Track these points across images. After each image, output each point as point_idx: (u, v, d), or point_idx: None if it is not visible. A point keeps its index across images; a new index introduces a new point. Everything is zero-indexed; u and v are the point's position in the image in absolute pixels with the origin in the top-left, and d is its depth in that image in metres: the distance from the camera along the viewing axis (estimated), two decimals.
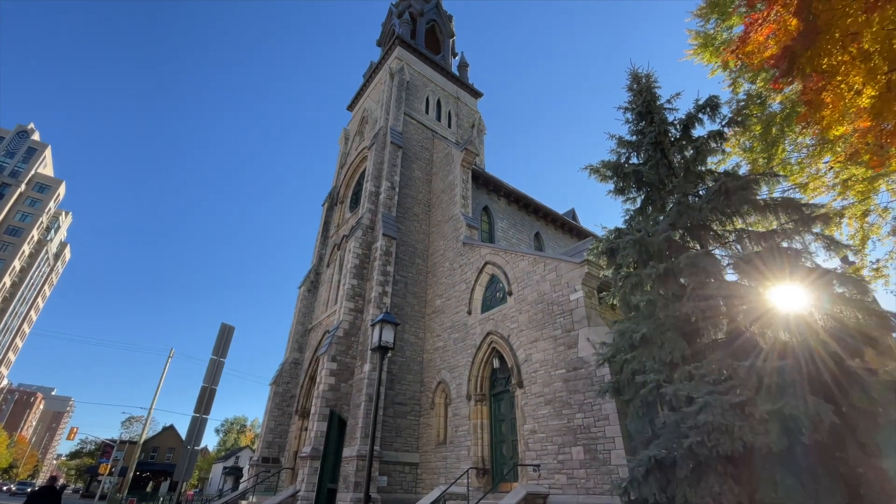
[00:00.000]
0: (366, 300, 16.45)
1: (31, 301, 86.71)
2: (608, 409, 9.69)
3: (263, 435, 17.88)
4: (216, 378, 8.01)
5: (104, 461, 39.03)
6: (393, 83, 23.11)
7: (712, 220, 8.27)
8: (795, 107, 11.48)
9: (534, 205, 22.48)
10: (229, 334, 8.55)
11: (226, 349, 8.38)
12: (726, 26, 12.20)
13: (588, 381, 10.30)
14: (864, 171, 10.61)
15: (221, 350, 8.33)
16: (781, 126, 11.49)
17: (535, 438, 11.09)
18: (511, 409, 12.89)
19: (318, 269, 22.52)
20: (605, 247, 9.55)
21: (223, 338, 8.48)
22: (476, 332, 14.56)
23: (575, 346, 10.90)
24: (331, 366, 14.56)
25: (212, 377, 7.99)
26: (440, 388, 15.47)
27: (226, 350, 8.41)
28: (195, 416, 7.73)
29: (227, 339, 8.48)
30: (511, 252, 14.33)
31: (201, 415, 7.70)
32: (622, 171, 9.71)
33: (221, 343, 8.44)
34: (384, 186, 19.04)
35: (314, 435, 13.37)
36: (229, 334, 8.55)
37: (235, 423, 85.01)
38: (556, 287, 12.07)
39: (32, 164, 78.87)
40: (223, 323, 8.74)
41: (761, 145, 11.97)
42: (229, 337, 8.55)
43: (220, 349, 8.38)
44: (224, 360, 8.23)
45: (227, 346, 8.45)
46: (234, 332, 8.55)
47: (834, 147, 10.78)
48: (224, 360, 8.22)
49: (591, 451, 9.71)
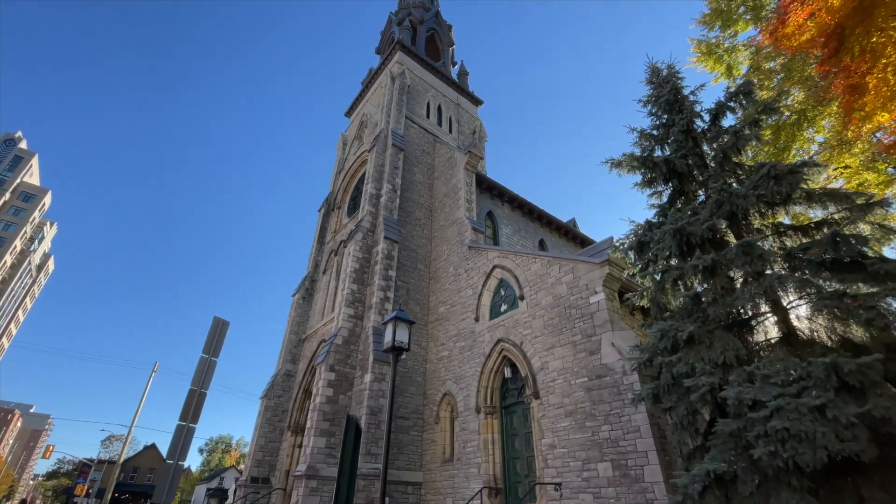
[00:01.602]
0: (366, 306, 15.52)
1: (11, 314, 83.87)
2: (638, 419, 8.83)
3: (253, 452, 16.64)
4: (206, 380, 6.91)
5: (80, 482, 36.92)
6: (394, 86, 22.59)
7: (756, 209, 7.60)
8: (806, 111, 11.08)
9: (537, 211, 21.85)
10: (223, 330, 7.47)
11: (219, 347, 7.29)
12: (728, 35, 11.89)
13: (614, 389, 9.45)
14: (876, 176, 10.13)
15: (214, 348, 7.25)
16: (792, 129, 11.02)
17: (554, 454, 10.16)
18: (525, 423, 11.97)
19: (313, 276, 21.56)
20: (633, 241, 8.85)
21: (216, 334, 7.49)
22: (485, 340, 13.68)
23: (597, 353, 10.08)
24: (328, 376, 13.54)
25: (201, 379, 6.94)
26: (445, 400, 14.49)
27: (218, 348, 7.31)
28: (181, 424, 6.53)
29: (220, 335, 7.38)
30: (522, 254, 13.57)
31: (188, 423, 6.54)
32: (651, 161, 9.05)
33: (214, 340, 7.45)
34: (385, 189, 18.29)
35: (310, 452, 12.28)
36: (223, 330, 7.47)
37: (220, 441, 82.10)
38: (574, 289, 11.30)
39: (18, 173, 77.17)
40: (216, 317, 7.70)
41: (772, 149, 11.50)
42: (223, 333, 7.46)
43: (213, 347, 7.37)
44: (216, 359, 7.11)
45: (220, 343, 7.33)
46: (228, 328, 7.52)
47: (851, 148, 10.29)
48: (216, 360, 7.10)
49: (621, 467, 8.81)
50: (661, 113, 9.84)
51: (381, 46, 32.19)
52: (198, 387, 6.72)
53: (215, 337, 7.31)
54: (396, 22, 30.06)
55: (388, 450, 6.63)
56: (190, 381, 6.60)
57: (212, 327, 7.38)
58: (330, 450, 12.60)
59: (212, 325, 7.40)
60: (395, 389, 14.54)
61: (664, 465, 8.28)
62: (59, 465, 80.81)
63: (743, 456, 5.83)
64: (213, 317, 7.17)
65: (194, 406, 6.61)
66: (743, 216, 7.62)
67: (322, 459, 12.35)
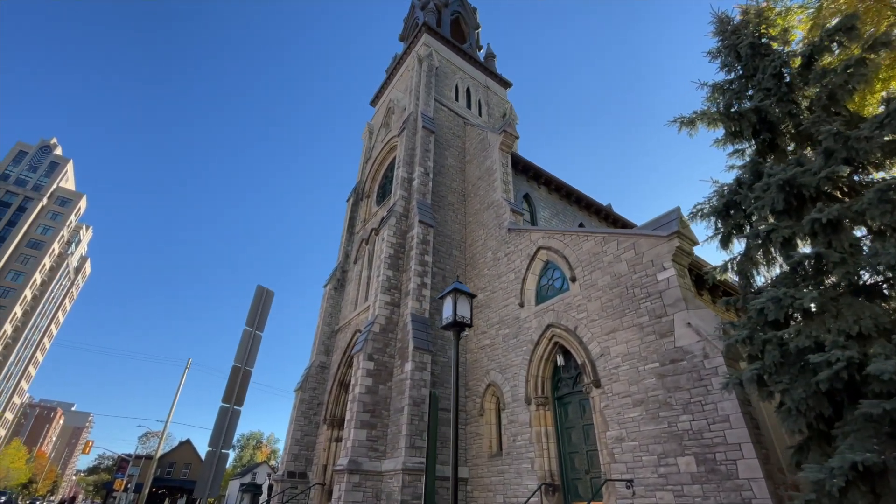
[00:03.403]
0: (403, 293, 14.74)
1: (51, 315, 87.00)
2: (727, 407, 7.74)
3: (289, 446, 16.11)
4: (251, 357, 6.19)
5: (119, 476, 37.60)
6: (422, 68, 21.74)
7: (874, 158, 6.42)
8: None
9: (576, 194, 20.68)
10: (267, 300, 6.69)
11: (263, 319, 6.41)
12: None
13: (693, 374, 8.37)
14: None
15: (258, 320, 6.47)
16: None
17: (623, 448, 9.14)
18: (581, 414, 10.97)
19: (344, 266, 20.95)
20: (717, 204, 7.76)
21: (260, 304, 6.63)
22: (531, 326, 12.71)
23: (670, 335, 9.00)
24: (367, 365, 12.81)
25: (245, 355, 6.07)
26: (490, 391, 13.59)
27: (263, 321, 6.40)
28: (224, 406, 5.65)
29: (264, 305, 6.62)
30: (571, 233, 12.53)
31: (232, 405, 5.68)
32: (736, 113, 7.91)
33: (258, 311, 6.56)
34: (417, 172, 17.47)
35: (351, 445, 11.56)
36: (267, 300, 6.69)
37: (251, 438, 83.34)
38: (637, 267, 10.22)
39: (54, 179, 79.77)
40: (259, 286, 6.74)
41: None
42: (267, 303, 6.66)
43: (257, 319, 6.47)
44: (261, 333, 6.28)
45: (264, 315, 6.58)
46: (273, 299, 6.68)
47: None
48: (261, 335, 6.24)
49: (707, 462, 7.74)
50: (736, 63, 8.71)
51: (404, 33, 31.43)
52: (242, 364, 5.95)
53: (259, 308, 6.44)
54: (420, 6, 29.20)
55: (456, 446, 5.84)
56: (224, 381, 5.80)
57: (255, 297, 6.57)
58: (371, 442, 11.86)
59: (255, 295, 6.62)
60: (435, 380, 13.77)
61: (762, 458, 7.19)
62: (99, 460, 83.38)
63: (891, 444, 4.77)
64: (255, 286, 6.31)
65: (238, 386, 5.87)
66: (860, 166, 6.46)
67: (364, 453, 11.63)
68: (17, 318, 71.73)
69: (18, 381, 79.93)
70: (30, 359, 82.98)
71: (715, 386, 8.03)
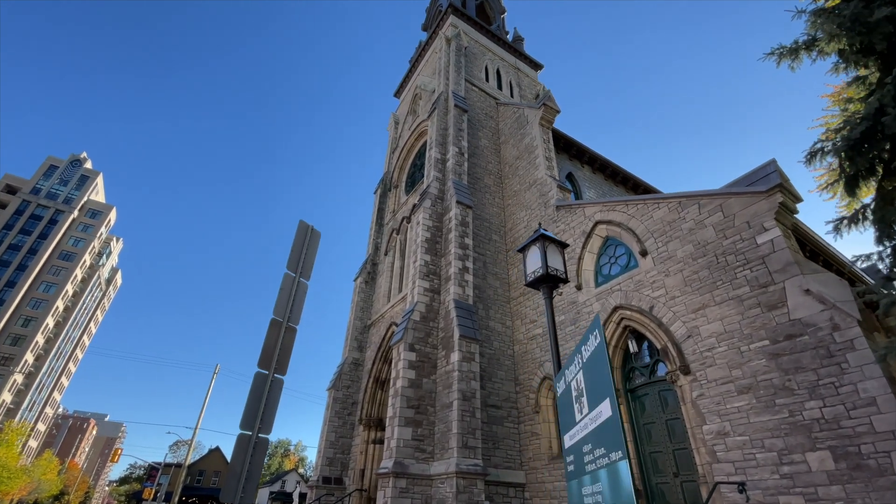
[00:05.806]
0: (442, 278, 13.45)
1: (83, 326, 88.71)
2: (872, 388, 6.18)
3: (323, 450, 14.91)
4: (295, 311, 4.48)
5: (148, 485, 37.15)
6: (450, 48, 20.60)
7: None
8: None
9: (622, 173, 19.13)
10: (313, 240, 5.02)
11: (309, 265, 4.90)
12: None
13: (821, 350, 6.81)
14: None
15: (303, 265, 4.79)
16: None
17: (727, 444, 7.60)
18: (663, 407, 9.44)
19: (374, 259, 19.82)
20: (851, 135, 6.26)
21: (304, 244, 4.88)
22: (592, 310, 11.26)
23: (782, 306, 7.45)
24: (409, 356, 11.53)
25: (287, 307, 4.38)
26: (545, 385, 12.15)
27: (309, 266, 4.90)
28: (261, 372, 4.00)
29: (310, 246, 4.95)
30: (636, 201, 11.07)
31: (271, 373, 3.98)
32: (867, 24, 6.40)
33: (302, 253, 4.81)
34: (452, 152, 16.23)
35: (395, 445, 10.27)
36: (313, 240, 5.02)
37: (279, 445, 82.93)
38: (727, 231, 8.70)
39: (85, 192, 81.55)
40: (302, 221, 4.98)
41: None
42: (314, 244, 5.01)
43: (300, 263, 4.77)
44: (307, 281, 4.75)
45: (310, 259, 4.93)
46: (320, 240, 5.11)
47: None
48: (307, 283, 4.74)
49: (849, 457, 6.17)
50: None
51: (427, 23, 30.48)
52: (283, 318, 4.35)
53: (304, 248, 4.91)
54: None
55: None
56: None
57: (297, 235, 4.95)
58: (417, 442, 10.55)
59: (297, 233, 4.95)
60: (482, 373, 12.36)
61: None
62: (130, 469, 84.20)
63: None
64: (298, 222, 4.77)
65: (280, 346, 4.17)
66: None
67: (410, 454, 10.32)
68: (49, 330, 73.11)
69: (51, 393, 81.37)
70: (62, 370, 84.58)
71: (851, 363, 6.48)
